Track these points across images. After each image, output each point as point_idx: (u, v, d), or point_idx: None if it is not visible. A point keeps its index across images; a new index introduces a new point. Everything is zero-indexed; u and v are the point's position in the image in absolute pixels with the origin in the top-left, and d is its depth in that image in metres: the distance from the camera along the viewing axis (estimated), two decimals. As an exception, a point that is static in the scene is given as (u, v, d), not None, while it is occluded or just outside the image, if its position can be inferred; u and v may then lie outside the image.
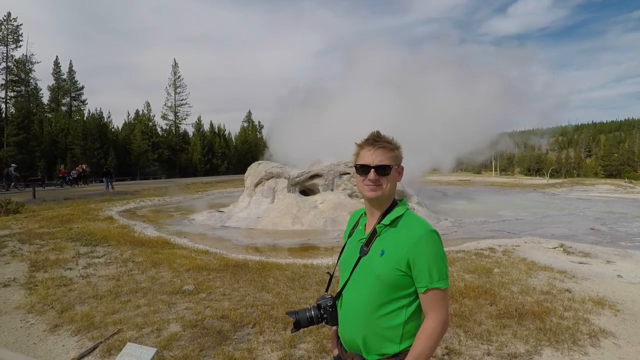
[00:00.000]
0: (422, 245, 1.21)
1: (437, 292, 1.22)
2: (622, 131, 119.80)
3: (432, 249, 1.22)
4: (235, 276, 5.21)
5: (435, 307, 1.23)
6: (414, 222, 1.27)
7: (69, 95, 47.35)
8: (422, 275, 1.21)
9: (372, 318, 1.26)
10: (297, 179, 11.73)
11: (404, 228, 1.26)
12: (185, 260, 6.06)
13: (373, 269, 1.25)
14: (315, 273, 5.48)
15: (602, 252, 7.09)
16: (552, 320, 3.80)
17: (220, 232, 10.14)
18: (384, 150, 1.29)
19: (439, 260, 1.22)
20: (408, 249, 1.21)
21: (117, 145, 41.67)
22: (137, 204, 16.17)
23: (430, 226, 1.26)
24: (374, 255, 1.27)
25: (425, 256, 1.21)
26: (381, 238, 1.28)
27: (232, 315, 3.82)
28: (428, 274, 1.21)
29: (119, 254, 6.58)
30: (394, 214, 1.29)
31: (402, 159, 1.35)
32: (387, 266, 1.22)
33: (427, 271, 1.21)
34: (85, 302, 4.32)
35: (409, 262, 1.21)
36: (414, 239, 1.22)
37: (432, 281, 1.20)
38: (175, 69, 51.06)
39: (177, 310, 4.00)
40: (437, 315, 1.22)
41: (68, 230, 8.80)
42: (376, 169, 1.28)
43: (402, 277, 1.23)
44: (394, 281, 1.22)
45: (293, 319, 1.37)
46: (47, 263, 5.97)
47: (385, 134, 1.34)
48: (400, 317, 1.25)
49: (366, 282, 1.27)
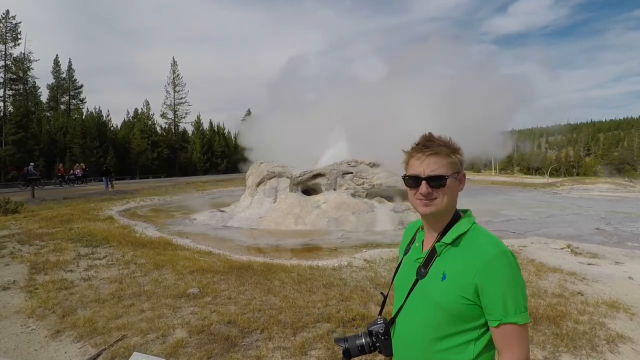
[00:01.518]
0: (493, 269, 1.01)
1: (514, 327, 1.01)
2: (621, 130, 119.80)
3: (506, 274, 1.01)
4: (240, 279, 5.11)
5: (510, 345, 1.02)
6: (483, 239, 1.07)
7: (68, 93, 47.09)
8: (494, 306, 1.01)
9: (430, 352, 1.08)
10: (299, 178, 11.62)
11: (470, 247, 1.06)
12: (188, 262, 5.96)
13: (432, 295, 1.07)
14: (322, 275, 5.38)
15: (610, 253, 7.01)
16: (568, 324, 3.70)
17: (222, 232, 10.03)
18: (437, 157, 1.08)
19: (516, 288, 1.02)
20: (476, 274, 1.01)
21: (116, 144, 41.46)
22: (137, 203, 16.05)
23: (503, 245, 1.06)
24: (434, 279, 1.08)
25: (497, 283, 1.00)
26: (442, 258, 1.09)
27: (240, 320, 3.71)
28: (501, 305, 1.00)
29: (121, 255, 6.47)
30: (456, 229, 1.09)
31: (464, 163, 1.14)
32: (450, 293, 1.04)
33: (499, 301, 1.00)
34: (87, 306, 4.21)
35: (477, 289, 1.02)
36: (484, 261, 1.02)
37: (506, 314, 1.00)
38: (174, 67, 50.81)
39: (182, 315, 3.90)
40: (514, 356, 1.01)
41: (68, 231, 8.68)
42: (428, 181, 1.08)
43: (468, 307, 1.03)
44: (458, 310, 1.03)
45: (342, 347, 1.22)
46: (48, 265, 5.86)
47: (442, 135, 1.12)
48: (468, 354, 1.06)
49: (424, 309, 1.09)
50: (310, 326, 3.63)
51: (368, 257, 6.51)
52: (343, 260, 6.34)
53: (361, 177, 11.64)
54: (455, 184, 1.12)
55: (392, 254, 6.72)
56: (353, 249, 7.78)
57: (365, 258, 6.44)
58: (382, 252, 6.90)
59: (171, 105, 51.30)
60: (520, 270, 1.06)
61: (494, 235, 1.09)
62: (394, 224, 10.17)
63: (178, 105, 51.58)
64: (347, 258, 6.50)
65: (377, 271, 5.65)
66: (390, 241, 8.58)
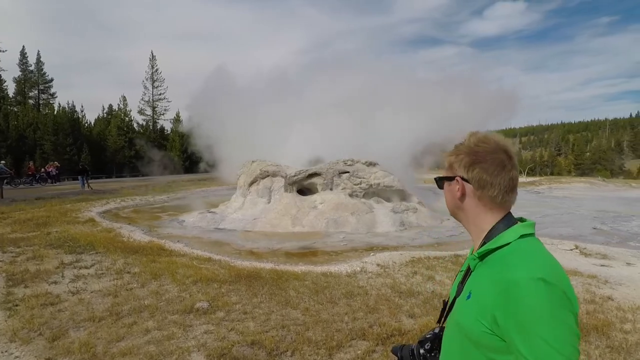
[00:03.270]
0: (515, 297, 0.79)
1: None
2: (589, 131, 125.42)
3: (533, 308, 0.77)
4: (251, 289, 4.64)
5: None
6: (515, 258, 0.86)
7: (37, 87, 44.52)
8: (516, 344, 0.78)
9: None
10: (294, 177, 11.16)
11: (497, 266, 0.88)
12: (188, 269, 5.43)
13: (456, 315, 0.95)
14: (338, 283, 4.99)
15: (617, 254, 6.97)
16: (617, 335, 3.47)
17: (215, 234, 9.45)
18: (446, 157, 1.03)
19: (548, 327, 0.76)
20: (494, 299, 0.83)
21: (91, 141, 39.50)
22: (118, 204, 15.12)
23: (542, 270, 0.81)
24: (463, 297, 0.96)
25: (519, 316, 0.78)
26: (475, 274, 0.95)
27: (264, 340, 3.27)
28: (526, 347, 0.77)
29: (111, 263, 5.85)
30: (493, 242, 0.92)
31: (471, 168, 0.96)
32: (470, 314, 0.89)
33: (523, 341, 0.77)
34: (80, 326, 3.65)
35: (495, 319, 0.82)
36: (502, 286, 0.82)
37: (534, 357, 0.76)
38: (152, 62, 48.97)
39: (195, 335, 3.41)
40: None
41: (46, 235, 7.91)
42: None
43: (489, 336, 0.84)
44: (480, 338, 0.86)
45: (397, 356, 1.15)
46: (27, 275, 5.19)
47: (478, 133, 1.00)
48: None
49: (452, 330, 0.97)
50: (345, 345, 3.23)
51: (380, 261, 6.17)
52: (354, 265, 5.98)
53: (358, 177, 11.31)
54: (452, 190, 1.00)
55: (403, 257, 6.42)
56: (359, 253, 7.43)
57: (378, 263, 6.09)
58: (393, 255, 6.59)
59: (149, 101, 49.49)
60: (568, 306, 0.79)
61: (542, 255, 0.87)
62: (395, 225, 9.90)
63: (157, 102, 49.85)
64: (357, 263, 6.14)
65: (395, 277, 5.31)
66: (395, 243, 8.29)
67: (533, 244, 0.90)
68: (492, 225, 0.95)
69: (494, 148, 0.95)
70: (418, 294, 4.57)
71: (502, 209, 0.96)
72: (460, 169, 0.98)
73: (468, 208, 0.99)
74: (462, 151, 0.98)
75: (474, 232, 1.00)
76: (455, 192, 0.99)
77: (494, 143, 0.96)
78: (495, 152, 0.94)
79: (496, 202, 0.94)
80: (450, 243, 8.25)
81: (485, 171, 0.93)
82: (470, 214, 0.99)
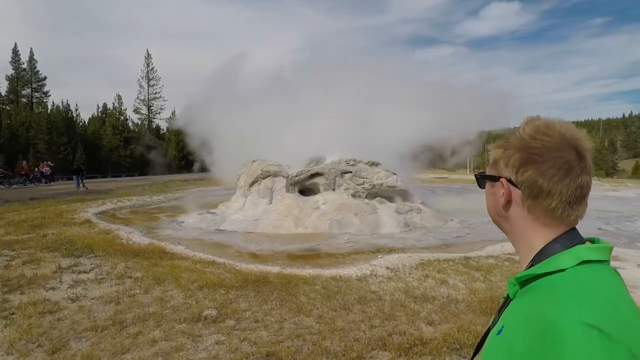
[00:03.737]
0: (553, 347, 0.56)
1: None
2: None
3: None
4: (259, 294, 4.45)
5: None
6: (567, 292, 0.62)
7: (30, 86, 43.85)
8: None
9: None
10: (296, 177, 10.96)
11: (541, 297, 0.64)
12: (192, 274, 5.22)
13: (483, 353, 0.75)
14: (349, 287, 4.81)
15: (628, 255, 6.88)
16: None
17: (217, 236, 9.24)
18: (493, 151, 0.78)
19: None
20: (526, 343, 0.60)
21: (86, 141, 38.96)
22: (115, 204, 14.82)
23: (599, 313, 0.57)
24: (494, 331, 0.72)
25: None
26: (512, 305, 0.71)
27: (279, 351, 3.08)
28: None
29: (111, 267, 5.63)
30: (541, 266, 0.68)
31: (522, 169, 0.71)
32: (497, 355, 0.67)
33: None
34: (82, 337, 3.44)
35: None
36: (540, 325, 0.59)
37: None
38: (148, 60, 48.53)
39: (206, 346, 3.22)
40: None
41: (42, 238, 7.65)
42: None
43: None
44: None
45: None
46: (23, 281, 4.96)
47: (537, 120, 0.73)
48: None
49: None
50: (366, 356, 3.06)
51: (389, 264, 6.01)
52: (364, 268, 5.81)
53: (361, 177, 11.14)
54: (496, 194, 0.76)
55: (413, 260, 6.26)
56: (366, 255, 7.26)
57: (387, 266, 5.93)
58: (401, 258, 6.42)
59: (145, 100, 49.06)
60: None
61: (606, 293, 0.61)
62: (399, 226, 9.74)
63: (152, 100, 49.40)
64: (366, 266, 5.97)
65: (407, 281, 5.15)
66: (402, 245, 8.13)
67: (598, 275, 0.64)
68: (545, 243, 0.71)
69: (559, 143, 0.69)
70: (433, 299, 4.41)
71: (563, 224, 0.71)
72: (507, 168, 0.73)
73: (515, 219, 0.75)
74: (512, 145, 0.73)
75: (521, 249, 0.76)
76: (498, 196, 0.76)
77: (558, 136, 0.70)
78: (559, 148, 0.69)
79: (554, 215, 0.70)
80: (458, 244, 8.11)
81: (541, 175, 0.69)
82: (517, 226, 0.75)
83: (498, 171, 0.75)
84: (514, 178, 0.72)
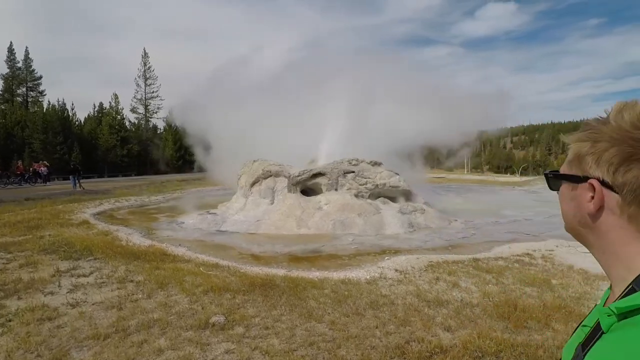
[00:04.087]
0: None
1: None
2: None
3: None
4: (267, 299, 4.29)
5: None
6: None
7: (25, 85, 43.36)
8: None
9: None
10: (298, 177, 10.80)
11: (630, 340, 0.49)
12: (196, 277, 5.05)
13: None
14: (359, 291, 4.66)
15: (638, 256, 6.78)
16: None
17: (218, 237, 9.06)
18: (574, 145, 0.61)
19: None
20: None
21: (82, 140, 38.59)
22: (113, 204, 14.59)
23: None
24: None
25: None
26: (606, 341, 0.54)
27: (293, 361, 2.93)
28: None
29: (111, 270, 5.44)
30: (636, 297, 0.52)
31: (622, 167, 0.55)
32: None
33: None
34: (84, 345, 3.27)
35: None
36: None
37: None
38: (145, 59, 48.07)
39: (215, 356, 3.06)
40: None
41: (39, 239, 7.44)
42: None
43: None
44: None
45: None
46: (20, 285, 4.77)
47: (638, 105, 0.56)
48: None
49: None
50: (385, 366, 2.91)
51: (398, 266, 5.86)
52: (371, 270, 5.66)
53: (363, 177, 10.99)
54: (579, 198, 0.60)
55: (421, 262, 6.13)
56: (372, 256, 7.11)
57: (396, 268, 5.78)
58: (409, 259, 6.28)
59: (142, 99, 48.59)
60: None
61: None
62: (403, 226, 9.61)
63: (149, 100, 48.95)
64: (374, 268, 5.83)
65: (417, 284, 5.01)
66: (407, 246, 7.99)
67: None
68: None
69: None
70: (447, 303, 4.27)
71: None
72: (599, 166, 0.57)
73: (607, 230, 0.59)
74: (605, 136, 0.57)
75: (614, 268, 0.59)
76: (583, 201, 0.60)
77: None
78: None
79: None
80: (464, 245, 7.98)
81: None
82: (610, 239, 0.59)
83: (584, 170, 0.59)
84: (610, 179, 0.56)
